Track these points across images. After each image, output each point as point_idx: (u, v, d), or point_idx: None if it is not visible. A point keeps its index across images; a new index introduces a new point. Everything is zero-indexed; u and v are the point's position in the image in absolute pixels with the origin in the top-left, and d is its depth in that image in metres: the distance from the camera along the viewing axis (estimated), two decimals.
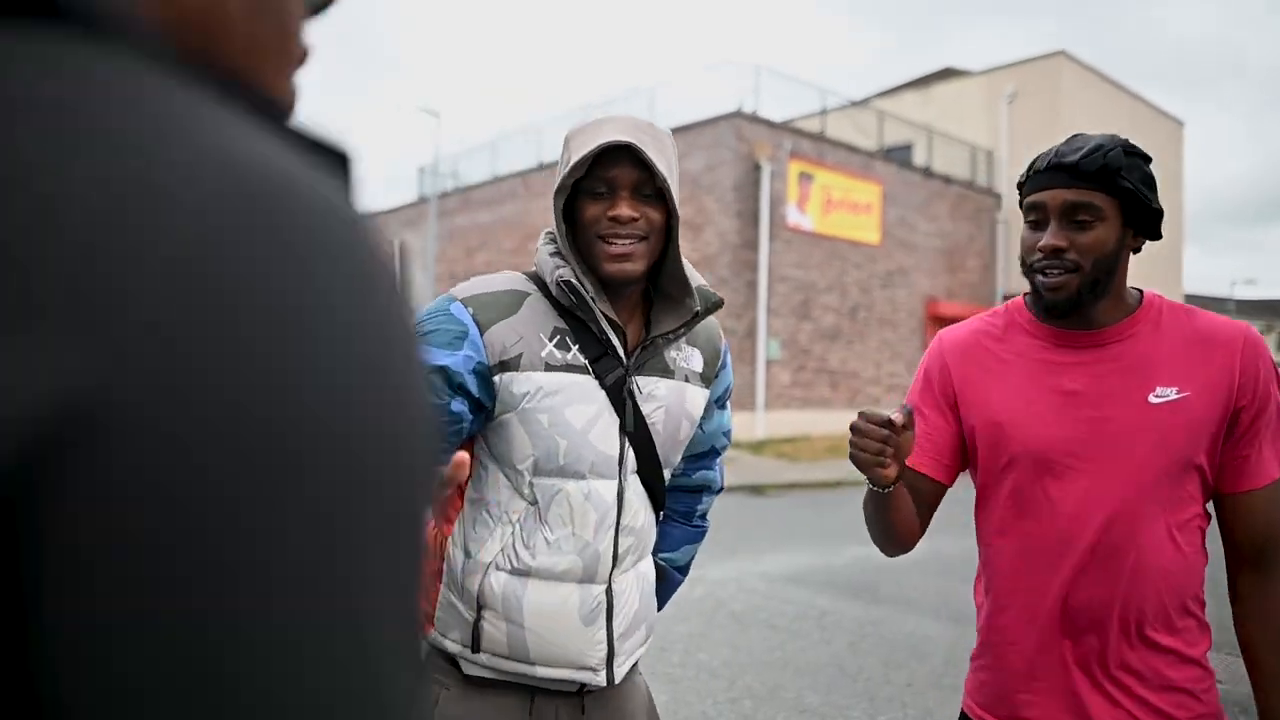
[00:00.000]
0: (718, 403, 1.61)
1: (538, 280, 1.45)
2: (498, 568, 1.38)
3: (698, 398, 1.52)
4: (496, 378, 1.36)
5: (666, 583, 1.67)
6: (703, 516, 1.71)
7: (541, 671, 1.37)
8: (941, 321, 18.90)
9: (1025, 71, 20.37)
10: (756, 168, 14.94)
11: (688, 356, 1.51)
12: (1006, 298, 19.78)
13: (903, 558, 1.56)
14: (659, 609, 1.62)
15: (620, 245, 1.35)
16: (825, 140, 16.59)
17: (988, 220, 20.37)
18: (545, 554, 1.37)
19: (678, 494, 1.64)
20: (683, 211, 1.51)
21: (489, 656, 1.37)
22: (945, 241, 19.21)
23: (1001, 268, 20.55)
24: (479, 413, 1.38)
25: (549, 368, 1.37)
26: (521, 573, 1.37)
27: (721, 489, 1.72)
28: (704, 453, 1.65)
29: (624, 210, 1.35)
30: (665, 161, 1.35)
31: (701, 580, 5.56)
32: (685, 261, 1.46)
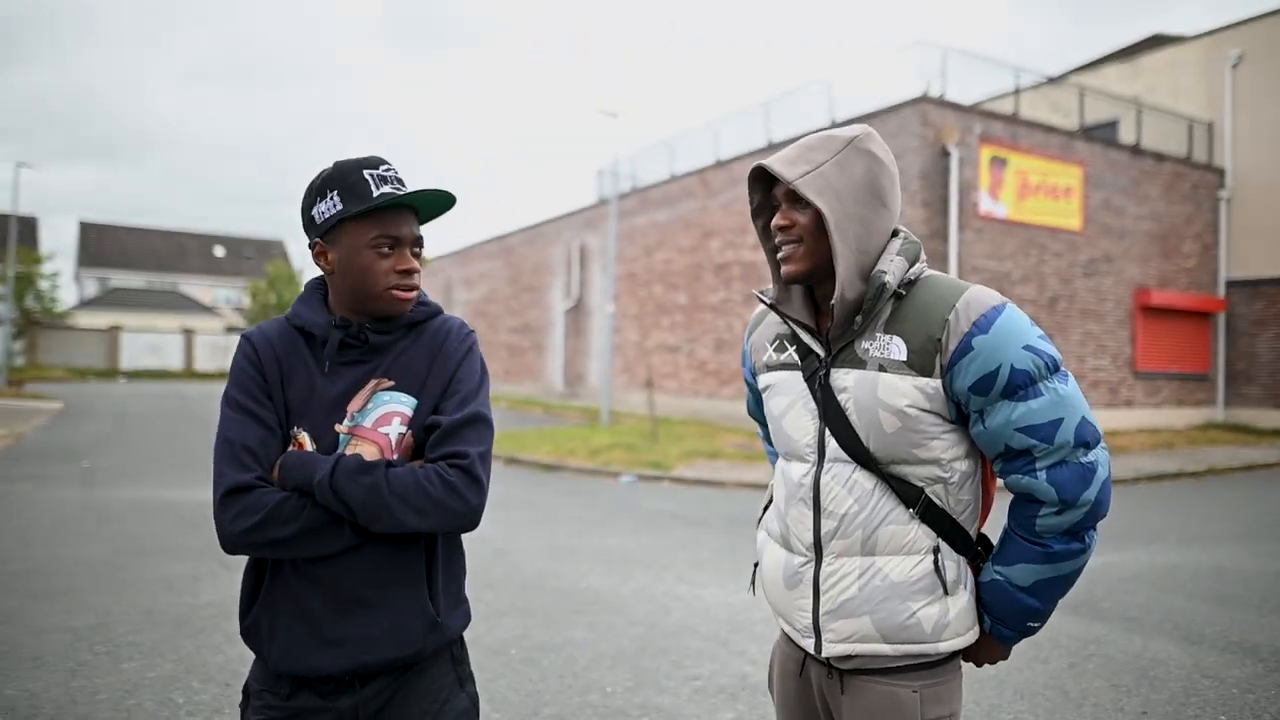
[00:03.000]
0: (988, 392, 1.43)
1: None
2: (762, 525, 1.77)
3: (897, 386, 1.46)
4: (756, 378, 1.76)
5: (1003, 601, 1.53)
6: (1055, 536, 1.46)
7: (779, 619, 1.67)
8: (1154, 312, 17.33)
9: (1252, 32, 18.25)
10: (944, 154, 14.24)
11: (884, 345, 1.49)
12: (1231, 284, 17.90)
13: (1122, 569, 1.48)
14: (1002, 629, 1.56)
15: (783, 250, 1.56)
16: (1019, 121, 15.57)
17: (1208, 199, 18.46)
18: (771, 516, 1.71)
19: (1015, 504, 1.52)
20: None
21: (751, 604, 1.84)
22: (1158, 224, 17.58)
23: (1224, 250, 18.58)
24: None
25: (769, 368, 1.69)
26: (765, 530, 1.74)
27: (1078, 504, 1.43)
28: (1004, 454, 1.47)
29: (776, 220, 1.55)
30: (805, 168, 1.49)
31: None
32: (890, 250, 1.52)
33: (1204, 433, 17.04)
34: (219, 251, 59.94)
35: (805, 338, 1.58)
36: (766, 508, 1.78)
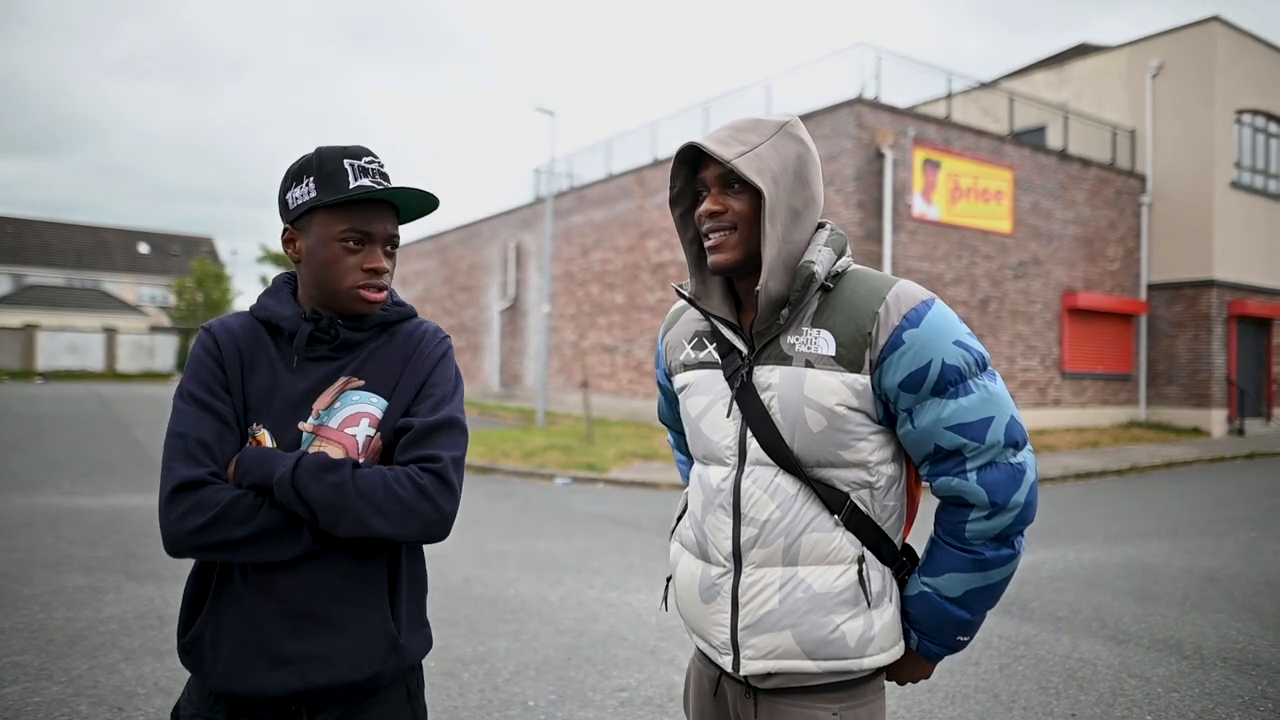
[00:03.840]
0: (918, 388, 1.36)
1: None
2: (676, 536, 1.65)
3: (825, 383, 1.38)
4: (672, 379, 1.65)
5: (932, 614, 1.44)
6: (985, 542, 1.39)
7: (693, 636, 1.56)
8: (1080, 314, 17.78)
9: (1172, 42, 18.88)
10: (879, 156, 14.38)
11: (810, 340, 1.41)
12: (1152, 287, 18.46)
13: (1050, 568, 1.43)
14: (929, 645, 1.48)
15: (712, 238, 1.44)
16: (951, 125, 15.82)
17: (1131, 204, 19.03)
18: (686, 526, 1.60)
19: (942, 509, 1.44)
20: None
21: (676, 613, 1.70)
22: (1084, 228, 18.06)
23: (1146, 254, 19.17)
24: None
25: (685, 367, 1.59)
26: (679, 541, 1.62)
27: (1008, 506, 1.36)
28: (933, 455, 1.39)
29: (707, 205, 1.43)
30: (740, 148, 1.38)
31: None
32: (817, 241, 1.45)
33: (1127, 431, 17.56)
34: (143, 248, 57.85)
35: (727, 334, 1.49)
36: (680, 517, 1.67)
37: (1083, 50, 22.61)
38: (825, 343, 1.40)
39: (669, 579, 1.68)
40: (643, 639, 4.60)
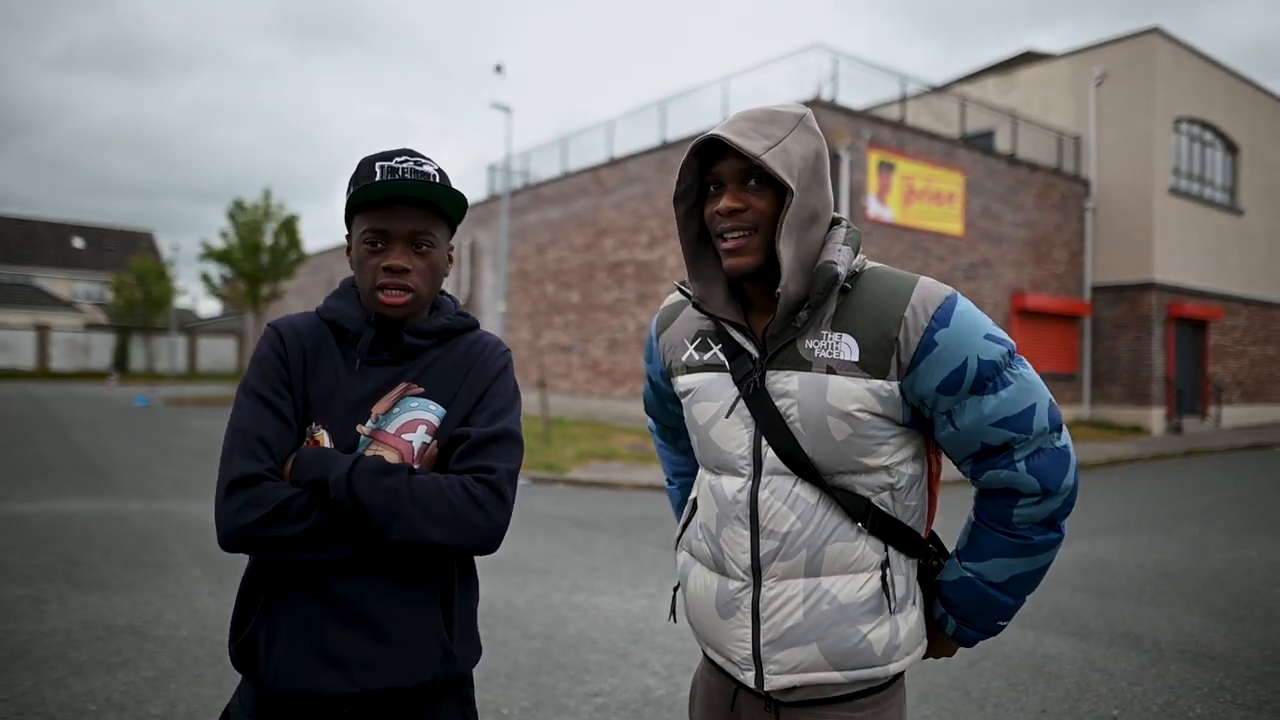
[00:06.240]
0: (956, 389, 1.32)
1: None
2: (683, 545, 1.58)
3: (849, 390, 1.33)
4: (671, 379, 1.58)
5: (975, 599, 1.42)
6: (1032, 526, 1.36)
7: (708, 650, 1.51)
8: (1028, 315, 18.17)
9: (1115, 52, 19.41)
10: (835, 157, 14.51)
11: (832, 345, 1.35)
12: (1096, 289, 18.90)
13: None
14: (967, 630, 1.46)
15: (730, 240, 1.35)
16: (905, 128, 16.04)
17: (1076, 208, 19.52)
18: (697, 537, 1.51)
19: (984, 495, 1.41)
20: None
21: (686, 625, 1.62)
22: (1032, 231, 18.46)
23: (1090, 257, 19.68)
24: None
25: (688, 369, 1.51)
26: (688, 551, 1.56)
27: (1059, 491, 1.34)
28: (979, 452, 1.36)
29: (726, 203, 1.34)
30: (765, 142, 1.30)
31: None
32: (835, 239, 1.39)
33: (1072, 429, 17.99)
34: (78, 243, 55.99)
35: (737, 336, 1.42)
36: (686, 525, 1.60)
37: (1029, 58, 23.12)
38: (848, 348, 1.34)
39: (676, 589, 1.63)
40: (613, 643, 4.55)
